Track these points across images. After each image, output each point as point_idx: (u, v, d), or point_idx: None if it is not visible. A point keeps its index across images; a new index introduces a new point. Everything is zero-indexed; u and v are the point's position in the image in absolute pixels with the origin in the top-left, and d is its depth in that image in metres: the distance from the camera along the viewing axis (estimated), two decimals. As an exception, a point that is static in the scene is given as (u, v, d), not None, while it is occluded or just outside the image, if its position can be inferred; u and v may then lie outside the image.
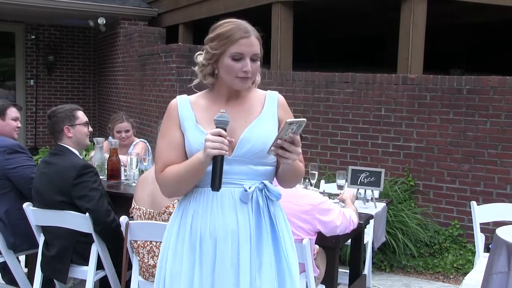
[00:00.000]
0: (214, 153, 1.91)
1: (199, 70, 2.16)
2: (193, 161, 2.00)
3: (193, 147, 2.05)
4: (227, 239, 2.03)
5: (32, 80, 10.94)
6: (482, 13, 8.00)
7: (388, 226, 5.09)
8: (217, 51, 2.05)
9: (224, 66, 2.05)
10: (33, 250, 3.75)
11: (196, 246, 2.05)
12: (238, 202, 2.05)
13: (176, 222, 2.13)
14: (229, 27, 2.05)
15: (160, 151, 2.11)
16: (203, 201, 2.07)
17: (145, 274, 3.20)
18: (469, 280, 3.39)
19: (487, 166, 5.34)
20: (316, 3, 7.45)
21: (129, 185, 4.13)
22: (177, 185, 2.06)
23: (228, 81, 2.09)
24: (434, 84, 5.59)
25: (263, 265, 2.05)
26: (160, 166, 2.09)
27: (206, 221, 2.05)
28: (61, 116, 3.50)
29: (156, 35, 8.96)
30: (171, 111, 2.15)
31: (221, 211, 2.04)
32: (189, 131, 2.08)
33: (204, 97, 2.19)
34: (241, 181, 2.06)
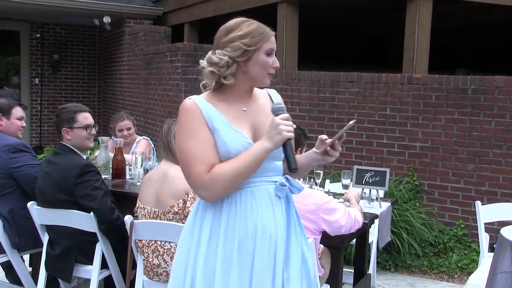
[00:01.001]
0: (289, 136, 1.96)
1: (219, 70, 2.06)
2: (257, 151, 1.97)
3: (232, 148, 2.01)
4: (265, 238, 2.03)
5: (37, 79, 10.97)
6: (487, 13, 7.98)
7: (393, 225, 5.08)
8: (252, 48, 2.03)
9: (259, 62, 2.05)
10: (37, 249, 3.75)
11: (233, 249, 2.02)
12: (274, 199, 2.08)
13: (205, 227, 2.06)
14: (255, 25, 2.07)
15: (198, 151, 1.99)
16: (240, 202, 2.04)
17: (150, 273, 3.21)
18: (473, 280, 3.38)
19: (492, 166, 5.32)
20: (322, 2, 7.45)
21: (134, 184, 4.14)
22: (234, 183, 1.99)
23: (258, 77, 2.08)
24: (440, 84, 5.58)
25: (291, 254, 2.09)
26: (203, 167, 1.98)
27: (245, 223, 2.03)
28: (62, 117, 3.51)
29: (161, 34, 8.97)
30: (194, 111, 2.04)
31: (260, 211, 2.04)
32: (222, 132, 2.02)
33: (216, 96, 2.11)
34: (271, 178, 2.09)
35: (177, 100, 7.27)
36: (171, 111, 7.37)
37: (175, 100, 7.34)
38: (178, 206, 3.10)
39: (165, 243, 3.13)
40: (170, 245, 3.12)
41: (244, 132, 2.06)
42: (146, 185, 3.27)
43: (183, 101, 2.10)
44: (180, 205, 3.10)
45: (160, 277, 3.17)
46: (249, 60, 2.05)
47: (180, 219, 3.11)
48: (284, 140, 1.97)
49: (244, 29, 2.05)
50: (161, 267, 3.14)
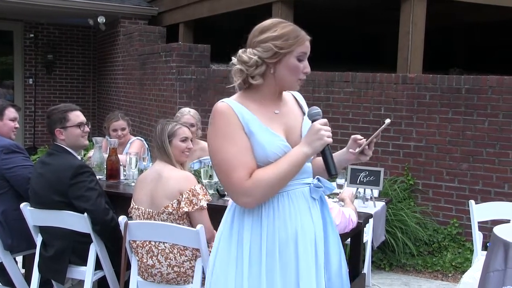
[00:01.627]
0: (330, 141, 1.97)
1: (248, 69, 2.02)
2: (297, 156, 1.97)
3: (269, 152, 1.98)
4: (306, 240, 2.03)
5: (31, 79, 10.94)
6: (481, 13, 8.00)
7: (388, 225, 5.10)
8: (284, 50, 2.00)
9: (289, 65, 2.02)
10: (30, 250, 3.74)
11: (275, 253, 2.00)
12: (310, 201, 2.09)
13: (246, 233, 2.03)
14: (291, 27, 2.04)
15: (235, 157, 1.95)
16: (277, 207, 2.02)
17: (144, 274, 3.20)
18: (467, 279, 3.39)
19: (486, 165, 5.34)
20: (316, 2, 7.46)
21: (128, 184, 4.13)
22: (275, 188, 1.98)
23: (287, 81, 2.05)
24: (434, 84, 5.60)
25: (331, 256, 2.11)
26: (244, 172, 1.94)
27: (285, 226, 2.01)
28: (53, 118, 3.49)
29: (156, 34, 8.96)
30: (229, 115, 1.98)
31: (298, 214, 2.04)
32: (259, 135, 1.99)
33: (248, 99, 2.06)
34: (305, 180, 2.09)
35: (171, 100, 7.27)
36: (166, 111, 7.36)
37: (170, 100, 7.33)
38: (172, 206, 3.10)
39: (159, 244, 3.13)
40: (165, 245, 3.12)
41: (280, 134, 2.04)
42: (140, 186, 3.27)
43: (215, 104, 2.03)
44: (175, 205, 3.10)
45: (154, 277, 3.17)
46: (279, 62, 2.02)
47: (175, 220, 3.12)
48: (324, 145, 1.98)
49: (279, 30, 2.02)
50: (155, 268, 3.13)
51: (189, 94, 7.04)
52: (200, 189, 3.14)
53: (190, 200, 3.08)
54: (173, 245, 3.11)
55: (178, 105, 6.83)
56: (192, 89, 7.03)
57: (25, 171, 3.72)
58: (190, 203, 3.08)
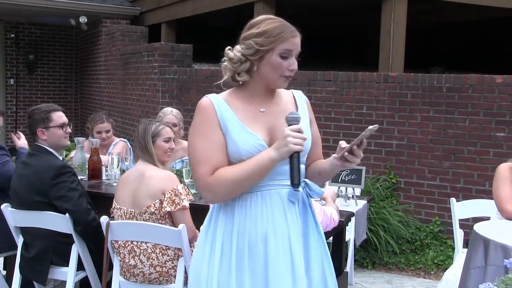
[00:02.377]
0: (297, 149, 1.89)
1: (233, 66, 2.03)
2: (262, 159, 1.93)
3: (242, 150, 1.97)
4: (278, 241, 2.00)
5: (12, 80, 10.83)
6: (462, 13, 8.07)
7: (370, 223, 5.13)
8: (264, 48, 1.98)
9: (271, 63, 2.00)
10: (12, 251, 3.71)
11: (244, 252, 2.00)
12: (286, 203, 2.03)
13: (218, 232, 2.04)
14: (276, 24, 2.01)
15: (205, 153, 1.97)
16: (250, 207, 2.01)
17: (126, 274, 3.19)
18: (448, 276, 3.43)
19: (467, 163, 5.40)
20: (298, 2, 7.47)
21: (110, 184, 4.11)
22: (236, 188, 1.96)
23: (270, 79, 2.03)
24: (415, 82, 5.64)
25: (312, 262, 2.08)
26: (208, 169, 1.96)
27: (256, 227, 2.00)
28: (36, 118, 3.46)
29: (138, 34, 8.92)
30: (208, 111, 2.00)
31: (271, 215, 2.01)
32: (234, 133, 1.99)
33: (235, 96, 2.07)
34: (285, 181, 2.02)
35: (154, 100, 7.24)
36: (149, 111, 7.33)
37: (152, 100, 7.30)
38: (155, 206, 3.09)
39: (142, 244, 3.12)
40: (147, 245, 3.11)
41: (258, 134, 2.01)
42: (123, 186, 3.25)
43: (201, 99, 2.05)
44: (157, 205, 3.09)
45: (136, 277, 3.16)
46: (262, 60, 2.00)
47: (157, 219, 3.11)
48: (290, 152, 1.90)
49: (262, 27, 2.00)
50: (138, 268, 3.12)
51: (171, 94, 7.02)
52: (182, 189, 3.13)
53: (173, 200, 3.07)
54: (155, 245, 3.10)
55: (160, 105, 6.80)
56: (174, 88, 7.01)
57: (3, 168, 3.68)
58: (173, 203, 3.07)
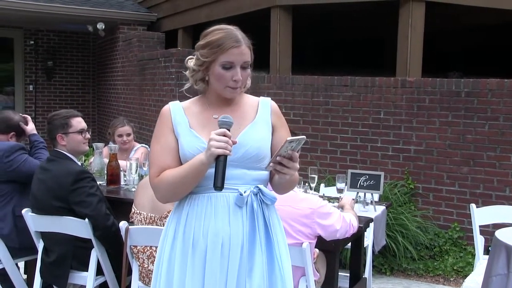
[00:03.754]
0: (218, 152, 1.92)
1: (190, 75, 2.18)
2: (194, 163, 2.01)
3: (187, 152, 2.07)
4: (217, 244, 2.04)
5: (31, 86, 10.95)
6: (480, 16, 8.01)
7: (388, 229, 5.09)
8: (208, 59, 2.07)
9: (215, 74, 2.08)
10: (32, 256, 3.74)
11: (188, 252, 2.08)
12: (232, 207, 2.06)
13: (170, 228, 2.15)
14: (219, 35, 2.06)
15: (155, 155, 2.13)
16: (197, 207, 2.09)
17: (145, 279, 3.20)
18: (469, 283, 3.39)
19: (486, 168, 5.34)
20: (315, 7, 7.47)
21: (129, 190, 4.13)
22: (174, 189, 2.07)
23: (217, 89, 2.12)
24: (433, 87, 5.60)
25: (254, 269, 2.06)
26: (155, 170, 2.10)
27: (200, 226, 2.07)
28: (55, 123, 3.50)
29: (155, 40, 8.97)
30: (164, 116, 2.17)
31: (214, 216, 2.06)
32: (182, 136, 2.11)
33: (196, 103, 2.21)
34: (236, 186, 2.07)
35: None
36: (166, 117, 7.35)
37: (170, 106, 7.32)
38: (174, 211, 3.10)
39: (160, 249, 3.12)
40: (165, 251, 3.11)
41: (204, 138, 2.06)
42: (143, 191, 3.26)
43: None
44: (175, 210, 3.10)
45: (155, 283, 3.16)
46: (208, 70, 2.10)
47: (176, 225, 3.11)
48: (213, 155, 1.94)
49: (207, 38, 2.09)
50: (157, 273, 3.13)
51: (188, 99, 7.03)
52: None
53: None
54: (174, 250, 3.11)
55: (178, 111, 6.82)
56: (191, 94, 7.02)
57: (26, 166, 3.72)
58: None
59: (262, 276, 2.07)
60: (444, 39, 10.05)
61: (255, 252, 2.08)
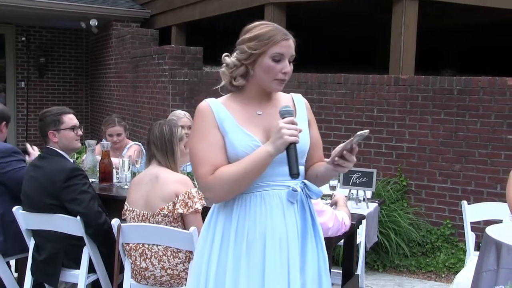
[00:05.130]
0: (291, 140, 1.92)
1: (229, 71, 2.11)
2: (259, 155, 1.97)
3: (240, 150, 2.02)
4: (275, 241, 2.03)
5: (23, 82, 10.90)
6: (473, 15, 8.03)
7: (381, 226, 5.11)
8: (257, 51, 2.04)
9: (264, 66, 2.06)
10: (23, 254, 3.72)
11: (242, 251, 2.04)
12: (285, 203, 2.08)
13: (218, 231, 2.09)
14: (267, 28, 2.06)
15: (204, 153, 2.03)
16: (249, 207, 2.06)
17: (137, 277, 3.20)
18: (460, 279, 3.40)
19: (478, 165, 5.37)
20: (309, 4, 7.47)
21: (121, 187, 4.12)
22: (235, 186, 2.00)
23: (264, 82, 2.09)
24: (426, 85, 5.62)
25: (307, 264, 2.10)
26: (208, 168, 2.01)
27: (254, 227, 2.04)
28: (47, 120, 3.47)
29: (148, 37, 8.95)
30: (206, 113, 2.07)
31: (269, 215, 2.05)
32: (231, 134, 2.05)
33: (233, 100, 2.14)
34: (285, 182, 2.08)
35: (164, 102, 7.26)
36: (159, 114, 7.35)
37: (163, 103, 7.32)
38: (168, 208, 3.10)
39: (153, 246, 3.12)
40: (158, 248, 3.11)
41: (255, 135, 2.06)
42: (136, 188, 3.25)
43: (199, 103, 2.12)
44: (170, 207, 3.10)
45: (147, 280, 3.16)
46: (255, 63, 2.06)
47: (169, 222, 3.11)
48: (285, 144, 1.94)
49: (254, 32, 2.06)
50: (149, 270, 3.13)
51: (181, 96, 7.04)
52: (195, 192, 3.13)
53: (186, 202, 3.08)
54: (166, 247, 3.11)
55: (171, 108, 6.82)
56: (184, 91, 7.03)
57: (19, 174, 3.69)
58: (185, 205, 3.07)
59: (315, 270, 2.11)
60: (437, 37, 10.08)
61: (307, 247, 2.11)
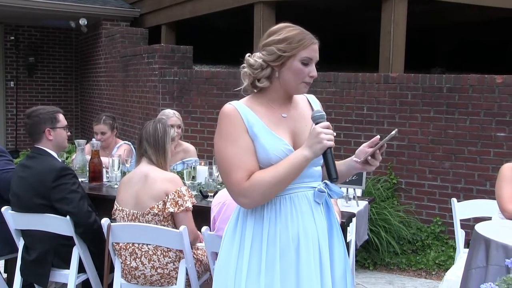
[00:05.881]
0: (330, 145, 1.96)
1: (254, 72, 2.07)
2: (296, 160, 1.97)
3: (272, 155, 2.00)
4: (308, 243, 2.04)
5: (12, 82, 10.83)
6: (463, 13, 8.07)
7: (371, 224, 5.12)
8: (287, 54, 2.03)
9: (293, 69, 2.05)
10: (12, 254, 3.71)
11: (276, 255, 2.01)
12: (313, 204, 2.09)
13: (247, 235, 2.05)
14: (296, 31, 2.06)
15: (236, 158, 1.98)
16: (279, 209, 2.04)
17: (128, 276, 3.19)
18: (450, 276, 3.42)
19: (468, 163, 5.39)
20: (298, 3, 7.48)
21: (111, 187, 4.11)
22: (272, 191, 1.98)
23: (291, 85, 2.08)
24: (415, 83, 5.64)
25: (335, 261, 2.12)
26: (243, 174, 1.97)
27: (287, 229, 2.03)
28: (43, 117, 3.44)
29: (138, 36, 8.91)
30: (234, 117, 2.02)
31: (300, 217, 2.05)
32: (262, 138, 2.02)
33: (256, 102, 2.10)
34: (310, 183, 2.10)
35: (154, 102, 7.24)
36: (149, 113, 7.33)
37: (153, 102, 7.30)
38: (158, 207, 3.09)
39: (143, 246, 3.11)
40: (148, 247, 3.11)
41: (284, 138, 2.05)
42: (125, 187, 3.25)
43: (223, 106, 2.06)
44: (160, 206, 3.09)
45: (138, 279, 3.16)
46: (283, 66, 2.05)
47: (160, 221, 3.11)
48: (324, 149, 1.96)
49: (283, 34, 2.05)
50: (139, 270, 3.12)
51: (172, 95, 7.02)
52: (185, 191, 3.14)
53: (176, 201, 3.07)
54: (156, 246, 3.10)
55: (160, 107, 6.80)
56: (174, 90, 7.01)
57: (7, 175, 3.66)
58: (176, 204, 3.07)
59: (342, 268, 2.14)
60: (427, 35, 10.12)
61: (334, 246, 2.13)
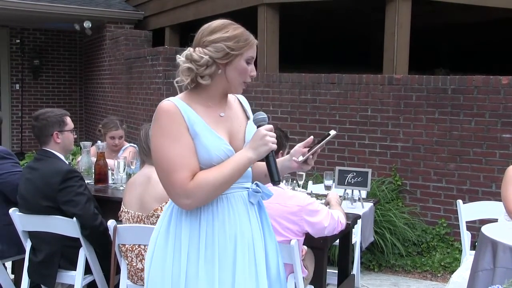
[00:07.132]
0: (275, 147, 1.99)
1: (199, 68, 2.00)
2: (240, 161, 1.97)
3: (214, 154, 1.97)
4: (244, 243, 2.04)
5: (18, 85, 10.88)
6: (467, 14, 8.07)
7: (376, 225, 5.12)
8: (235, 52, 2.01)
9: (238, 68, 2.03)
10: (20, 256, 3.72)
11: (214, 256, 1.99)
12: (248, 205, 2.09)
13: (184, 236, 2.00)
14: (241, 30, 2.06)
15: (179, 158, 1.92)
16: (216, 210, 2.01)
17: (134, 278, 3.19)
18: (456, 278, 3.41)
19: (473, 164, 5.38)
20: (302, 5, 7.48)
21: (117, 188, 4.12)
22: (216, 192, 1.96)
23: (234, 84, 2.06)
24: (420, 84, 5.64)
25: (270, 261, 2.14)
26: (186, 174, 1.91)
27: (224, 230, 2.01)
28: (51, 120, 3.45)
29: (142, 38, 8.94)
30: (175, 114, 1.96)
31: (238, 217, 2.05)
32: (203, 137, 1.97)
33: (194, 100, 2.04)
34: (244, 184, 2.09)
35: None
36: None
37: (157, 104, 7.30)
38: (162, 209, 3.10)
39: (149, 248, 3.12)
40: (154, 249, 3.11)
41: (224, 138, 2.03)
42: (130, 189, 3.26)
43: (161, 102, 2.01)
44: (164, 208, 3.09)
45: (144, 281, 3.16)
46: (230, 64, 2.02)
47: (164, 223, 3.11)
48: (269, 151, 1.98)
49: (230, 32, 2.02)
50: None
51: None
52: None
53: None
54: (162, 248, 3.10)
55: (165, 109, 6.80)
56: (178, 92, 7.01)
57: (14, 177, 3.67)
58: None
59: (276, 267, 2.15)
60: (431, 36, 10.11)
61: (267, 245, 2.14)
